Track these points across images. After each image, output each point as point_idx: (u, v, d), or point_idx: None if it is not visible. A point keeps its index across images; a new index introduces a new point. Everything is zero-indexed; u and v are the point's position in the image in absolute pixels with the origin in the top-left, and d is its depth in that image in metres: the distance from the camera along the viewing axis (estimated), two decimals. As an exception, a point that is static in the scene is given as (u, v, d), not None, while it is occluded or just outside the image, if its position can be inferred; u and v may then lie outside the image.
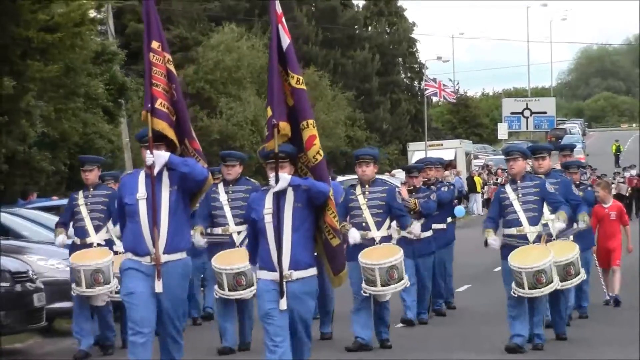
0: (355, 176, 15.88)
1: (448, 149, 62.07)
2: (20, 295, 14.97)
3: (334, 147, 55.82)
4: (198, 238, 14.24)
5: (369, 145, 62.61)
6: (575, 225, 14.52)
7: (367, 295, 13.87)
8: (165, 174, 9.88)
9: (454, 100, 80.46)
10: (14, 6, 20.53)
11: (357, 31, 73.02)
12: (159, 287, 9.66)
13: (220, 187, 14.48)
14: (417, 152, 56.49)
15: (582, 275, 14.24)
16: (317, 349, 13.41)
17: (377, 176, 15.93)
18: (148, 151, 9.82)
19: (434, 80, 74.87)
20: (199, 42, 54.65)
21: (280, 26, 9.90)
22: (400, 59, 76.91)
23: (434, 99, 76.33)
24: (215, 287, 13.93)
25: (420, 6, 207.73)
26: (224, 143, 47.84)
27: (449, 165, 57.34)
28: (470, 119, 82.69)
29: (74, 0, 24.15)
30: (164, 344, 10.04)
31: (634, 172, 51.27)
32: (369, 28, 74.64)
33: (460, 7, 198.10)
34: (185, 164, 9.86)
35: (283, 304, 9.36)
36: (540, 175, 13.85)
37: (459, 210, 19.76)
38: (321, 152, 9.78)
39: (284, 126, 9.56)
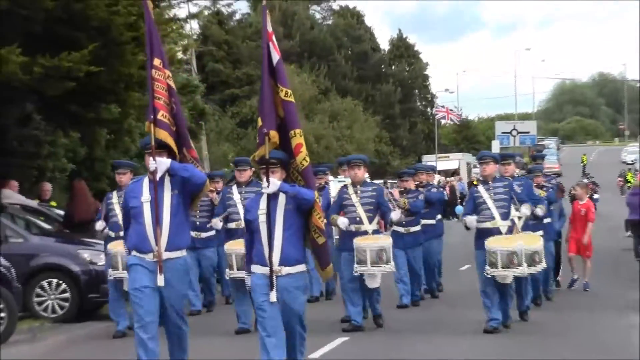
0: (375, 180, 15.63)
1: (453, 160, 62.03)
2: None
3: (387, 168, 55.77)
4: (215, 221, 14.09)
5: (392, 157, 62.65)
6: (537, 210, 14.24)
7: (358, 275, 13.29)
8: (167, 179, 9.17)
9: (458, 122, 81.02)
10: (120, 50, 20.47)
11: (383, 69, 72.80)
12: (160, 281, 8.99)
13: (234, 188, 14.05)
14: (429, 162, 56.18)
15: (544, 264, 13.85)
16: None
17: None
18: (151, 158, 9.17)
19: (443, 107, 75.35)
20: (254, 79, 54.53)
21: (270, 43, 9.49)
22: (416, 91, 76.64)
23: (443, 121, 76.32)
24: (227, 269, 13.49)
25: (432, 49, 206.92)
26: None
27: (455, 172, 57.24)
28: (471, 137, 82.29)
29: (164, 44, 24.13)
30: (169, 333, 9.31)
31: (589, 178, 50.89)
32: (392, 67, 74.37)
33: (464, 49, 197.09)
34: (185, 170, 9.18)
35: (273, 296, 8.78)
36: (508, 178, 13.50)
37: (459, 209, 19.50)
38: (307, 159, 9.16)
39: (274, 135, 9.01)
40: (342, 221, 13.21)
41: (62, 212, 19.18)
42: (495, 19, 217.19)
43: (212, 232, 15.47)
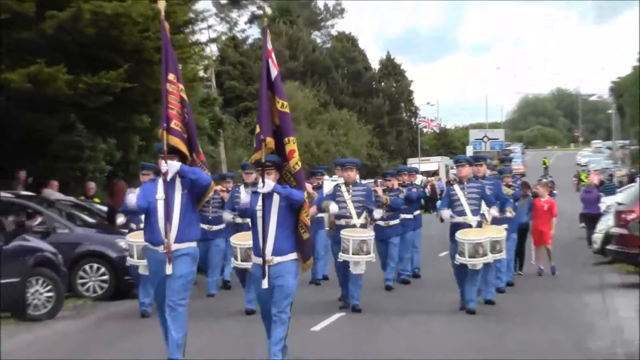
0: (365, 181, 15.56)
1: (433, 163, 61.90)
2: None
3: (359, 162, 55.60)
4: (226, 215, 14.01)
5: (382, 160, 62.57)
6: (507, 213, 13.99)
7: (342, 261, 13.09)
8: (178, 180, 8.94)
9: (438, 131, 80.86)
10: (151, 69, 20.39)
11: (374, 85, 72.54)
12: (169, 269, 8.81)
13: (242, 188, 13.72)
14: (413, 164, 56.03)
15: (504, 255, 13.70)
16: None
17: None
18: (163, 161, 8.94)
19: (424, 117, 75.37)
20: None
21: (270, 60, 9.17)
22: (402, 104, 76.22)
23: (424, 129, 76.05)
24: (232, 259, 13.30)
25: (416, 68, 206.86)
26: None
27: (435, 173, 57.13)
28: (448, 143, 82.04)
29: (188, 64, 24.10)
30: (170, 314, 8.90)
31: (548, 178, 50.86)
32: (382, 83, 74.08)
33: (444, 68, 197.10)
34: (194, 172, 8.96)
35: (265, 283, 8.62)
36: (480, 178, 13.35)
37: (439, 203, 19.41)
38: (299, 163, 9.01)
39: (269, 141, 8.79)
40: (333, 207, 13.05)
41: (103, 208, 19.28)
42: (470, 42, 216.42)
43: (222, 226, 15.23)
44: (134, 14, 19.44)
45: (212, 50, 45.47)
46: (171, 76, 9.15)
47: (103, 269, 14.99)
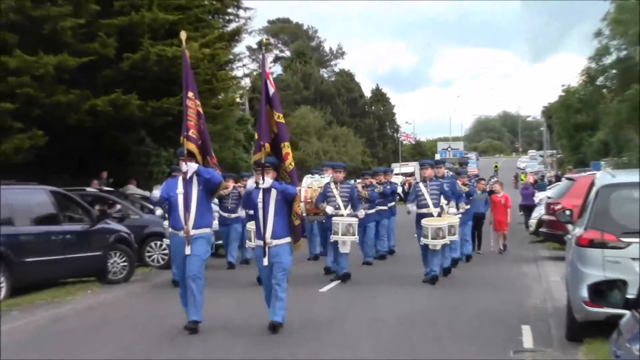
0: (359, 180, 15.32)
1: (410, 166, 61.44)
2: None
3: (355, 166, 55.40)
4: (241, 211, 13.36)
5: (372, 165, 62.44)
6: (460, 209, 13.68)
7: (333, 241, 12.73)
8: (195, 178, 8.48)
9: (414, 143, 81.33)
10: (200, 96, 20.48)
11: (366, 109, 72.34)
12: (188, 250, 8.40)
13: (249, 181, 13.00)
14: (395, 168, 55.87)
15: (456, 237, 13.21)
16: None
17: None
18: (184, 163, 8.49)
19: (404, 133, 75.77)
20: (288, 115, 54.54)
21: (267, 80, 8.72)
22: (387, 123, 76.12)
23: (404, 142, 76.50)
24: (247, 241, 12.75)
25: (399, 96, 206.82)
26: (298, 164, 47.85)
27: (411, 174, 56.95)
28: (422, 152, 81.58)
29: (228, 92, 24.16)
30: (189, 284, 8.51)
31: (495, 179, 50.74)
32: (372, 107, 73.92)
33: (419, 96, 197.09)
34: (208, 172, 8.51)
35: (265, 261, 8.29)
36: (439, 178, 12.98)
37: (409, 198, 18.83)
38: (292, 164, 8.67)
39: (267, 146, 8.44)
40: (329, 208, 12.77)
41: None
42: (438, 78, 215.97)
43: (239, 214, 14.50)
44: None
45: (246, 82, 45.46)
46: (190, 94, 8.73)
47: (164, 245, 14.95)
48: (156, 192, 8.98)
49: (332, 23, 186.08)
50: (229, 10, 24.11)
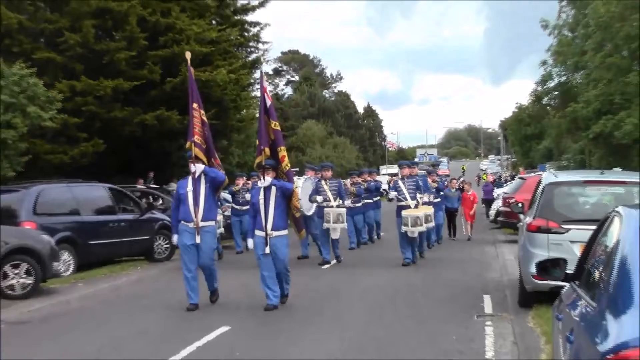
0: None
1: (395, 168, 61.29)
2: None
3: (350, 168, 55.42)
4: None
5: (362, 166, 62.29)
6: (430, 198, 12.99)
7: (325, 229, 12.22)
8: (202, 177, 7.98)
9: (397, 149, 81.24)
10: (228, 112, 20.39)
11: (359, 122, 72.17)
12: (197, 239, 7.87)
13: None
14: (382, 169, 55.74)
15: (432, 224, 13.00)
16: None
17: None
18: (192, 164, 7.97)
19: (390, 141, 75.68)
20: (297, 127, 54.37)
21: (265, 94, 8.27)
22: (376, 134, 76.06)
23: (390, 149, 76.32)
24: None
25: (387, 112, 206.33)
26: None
27: (396, 174, 56.71)
28: (404, 156, 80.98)
29: (249, 110, 24.05)
30: (204, 270, 8.12)
31: (462, 179, 50.50)
32: (365, 121, 73.76)
33: (403, 111, 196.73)
34: (213, 172, 8.01)
35: (267, 250, 7.77)
36: (415, 175, 12.49)
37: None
38: (289, 165, 8.24)
39: (267, 150, 8.01)
40: (319, 198, 12.40)
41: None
42: (417, 97, 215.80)
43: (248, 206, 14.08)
44: (218, 80, 19.56)
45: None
46: (195, 105, 8.11)
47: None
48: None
49: (332, 54, 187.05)
50: (251, 43, 24.11)
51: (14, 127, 13.50)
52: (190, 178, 8.10)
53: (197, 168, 7.99)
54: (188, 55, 8.36)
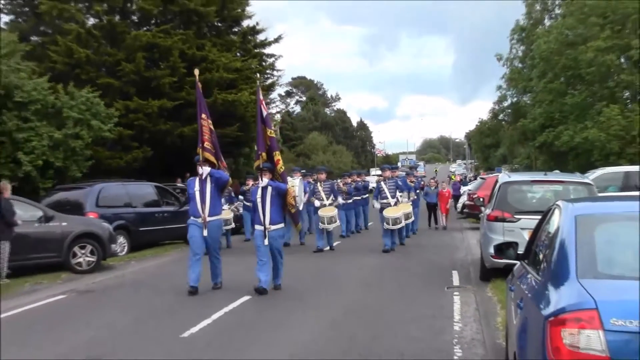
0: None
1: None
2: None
3: (345, 171, 55.26)
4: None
5: (356, 169, 62.05)
6: (410, 197, 12.93)
7: (322, 228, 11.52)
8: (209, 178, 7.41)
9: (384, 156, 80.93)
10: (248, 126, 20.39)
11: (354, 133, 72.03)
12: (205, 232, 7.32)
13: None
14: (372, 172, 55.47)
15: (411, 220, 12.40)
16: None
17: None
18: (200, 167, 7.43)
19: (378, 149, 75.52)
20: (304, 137, 54.31)
21: (261, 105, 7.68)
22: (367, 142, 75.91)
23: (378, 155, 76.19)
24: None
25: (376, 126, 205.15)
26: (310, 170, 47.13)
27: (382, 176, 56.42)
28: (389, 161, 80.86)
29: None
30: (210, 260, 7.55)
31: (435, 178, 50.02)
32: (358, 133, 73.66)
33: (389, 126, 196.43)
34: (218, 173, 7.46)
35: (266, 241, 7.22)
36: (395, 177, 11.97)
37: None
38: (283, 167, 7.64)
39: (264, 155, 7.50)
40: (317, 202, 12.17)
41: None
42: (400, 113, 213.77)
43: None
44: (242, 100, 19.62)
45: (277, 117, 45.48)
46: (203, 115, 7.58)
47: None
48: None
49: (333, 79, 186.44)
50: (268, 71, 24.16)
51: (81, 137, 14.12)
52: (197, 179, 7.55)
53: (204, 170, 7.49)
54: (196, 72, 7.79)
